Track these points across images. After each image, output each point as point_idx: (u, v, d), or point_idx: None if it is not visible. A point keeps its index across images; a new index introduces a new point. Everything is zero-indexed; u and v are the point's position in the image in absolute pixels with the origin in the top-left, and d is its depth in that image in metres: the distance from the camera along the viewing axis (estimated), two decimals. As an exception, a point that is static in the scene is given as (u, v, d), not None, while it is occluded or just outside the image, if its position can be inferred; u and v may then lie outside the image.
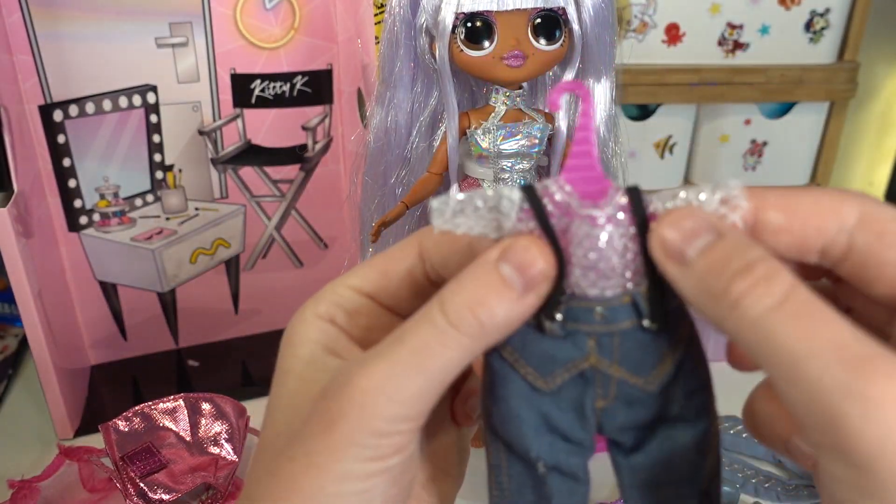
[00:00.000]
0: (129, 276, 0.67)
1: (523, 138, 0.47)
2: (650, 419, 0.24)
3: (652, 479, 0.24)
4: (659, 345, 0.23)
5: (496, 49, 0.44)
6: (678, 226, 0.22)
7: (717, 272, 0.20)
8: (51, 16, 0.57)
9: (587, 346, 0.23)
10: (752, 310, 0.19)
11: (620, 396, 0.24)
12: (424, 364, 0.22)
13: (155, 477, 0.52)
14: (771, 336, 0.19)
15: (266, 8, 0.62)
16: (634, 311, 0.23)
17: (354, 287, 0.26)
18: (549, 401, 0.24)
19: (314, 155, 0.70)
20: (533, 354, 0.24)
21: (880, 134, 0.93)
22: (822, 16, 0.80)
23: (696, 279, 0.21)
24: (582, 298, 0.23)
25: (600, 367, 0.23)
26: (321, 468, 0.22)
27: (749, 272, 0.20)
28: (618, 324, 0.23)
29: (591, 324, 0.23)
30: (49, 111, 0.59)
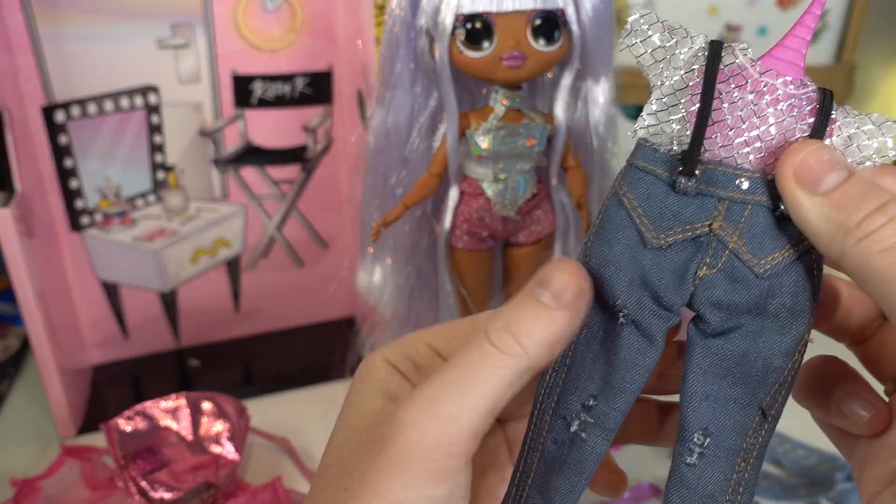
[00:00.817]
0: (130, 275, 0.68)
1: (523, 139, 0.47)
2: (746, 304, 0.24)
3: (724, 369, 0.24)
4: (785, 233, 0.24)
5: (496, 50, 0.44)
6: (816, 155, 0.23)
7: (853, 206, 0.22)
8: (53, 17, 0.57)
9: (715, 210, 0.24)
10: (883, 241, 0.21)
11: (727, 269, 0.24)
12: (473, 388, 0.22)
13: (156, 476, 0.53)
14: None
15: (267, 9, 0.63)
16: (775, 192, 0.23)
17: (430, 345, 0.27)
18: (652, 256, 0.24)
19: (315, 155, 0.70)
20: (655, 206, 0.24)
21: (878, 134, 0.93)
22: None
23: (828, 209, 0.22)
24: (727, 165, 0.24)
25: (721, 233, 0.24)
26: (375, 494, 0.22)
27: (884, 211, 0.22)
28: (756, 196, 0.24)
29: (729, 190, 0.24)
30: (51, 112, 0.59)
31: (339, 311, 0.76)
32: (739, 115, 0.23)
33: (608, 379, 0.24)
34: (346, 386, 0.27)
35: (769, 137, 0.23)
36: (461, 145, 0.48)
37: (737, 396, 0.24)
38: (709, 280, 0.24)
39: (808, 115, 0.23)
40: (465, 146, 0.49)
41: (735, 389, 0.24)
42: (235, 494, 0.51)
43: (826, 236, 0.22)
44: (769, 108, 0.23)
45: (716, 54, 0.23)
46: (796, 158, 0.23)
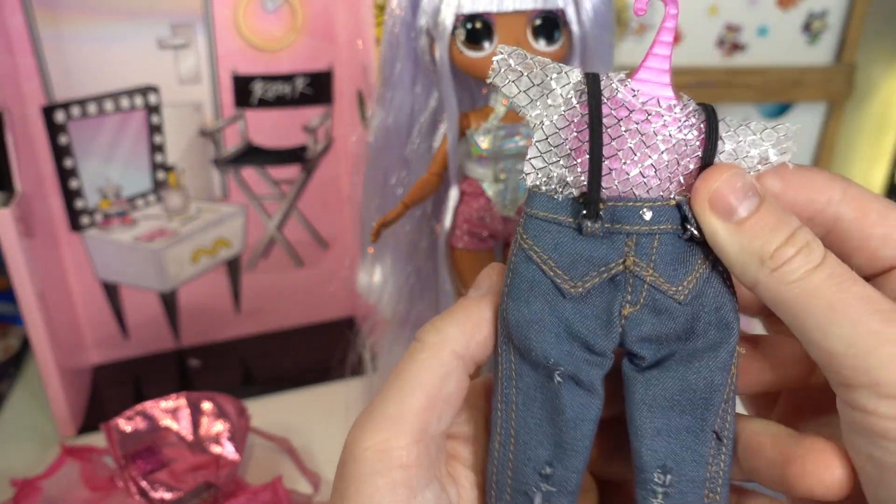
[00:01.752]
0: (130, 275, 0.68)
1: (523, 139, 0.47)
2: (674, 333, 0.23)
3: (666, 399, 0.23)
4: (694, 254, 0.23)
5: (496, 50, 0.44)
6: (729, 183, 0.23)
7: (766, 234, 0.22)
8: (53, 17, 0.57)
9: (625, 247, 0.23)
10: (794, 272, 0.22)
11: (649, 303, 0.23)
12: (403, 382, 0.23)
13: (156, 476, 0.53)
14: (811, 292, 0.22)
15: (267, 9, 0.63)
16: (678, 215, 0.23)
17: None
18: (573, 306, 0.23)
19: (315, 155, 0.70)
20: (565, 255, 0.23)
21: (878, 134, 0.93)
22: (820, 17, 0.80)
23: (742, 238, 0.23)
24: (627, 199, 0.23)
25: (635, 269, 0.23)
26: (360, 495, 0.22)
27: (795, 239, 0.22)
28: (661, 224, 0.23)
29: (634, 224, 0.23)
30: (51, 112, 0.59)
31: (339, 311, 0.76)
32: (630, 147, 0.23)
33: (559, 441, 0.23)
34: (346, 386, 0.27)
35: (663, 164, 0.23)
36: (461, 145, 0.48)
37: (688, 425, 0.23)
38: (634, 318, 0.23)
39: (696, 135, 0.23)
40: (465, 146, 0.49)
41: (684, 418, 0.23)
42: (235, 494, 0.51)
43: (740, 265, 0.23)
44: (657, 135, 0.23)
45: (596, 87, 0.23)
46: (711, 186, 0.23)
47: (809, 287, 0.22)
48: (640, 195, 0.23)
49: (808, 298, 0.22)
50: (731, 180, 0.23)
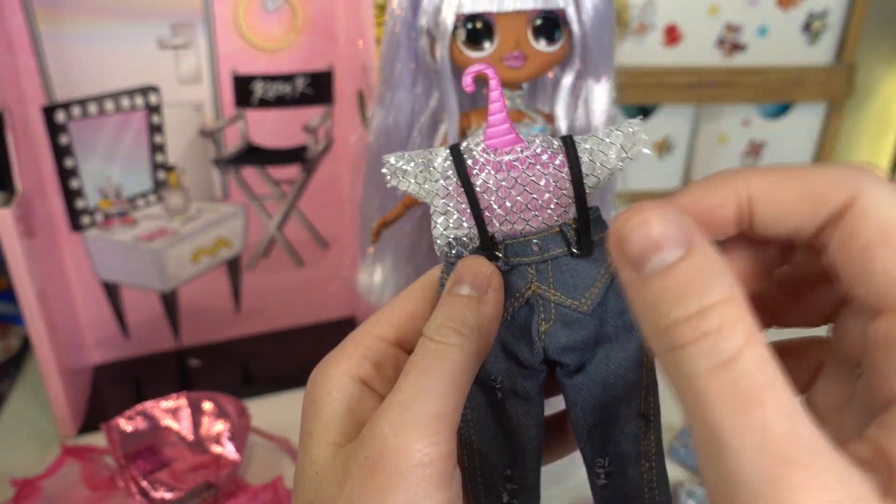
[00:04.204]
0: (131, 275, 0.68)
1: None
2: (588, 339, 0.26)
3: (594, 398, 0.26)
4: (589, 270, 0.26)
5: (496, 50, 0.44)
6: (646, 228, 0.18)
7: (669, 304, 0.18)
8: (53, 17, 0.57)
9: (528, 275, 0.27)
10: (690, 364, 0.17)
11: (559, 318, 0.26)
12: (432, 381, 0.23)
13: (157, 475, 0.53)
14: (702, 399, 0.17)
15: (268, 9, 0.63)
16: (563, 239, 0.27)
17: (381, 336, 0.27)
18: (504, 329, 0.27)
19: (315, 155, 0.70)
20: None
21: (878, 134, 0.93)
22: (820, 17, 0.80)
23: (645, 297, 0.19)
24: (517, 235, 0.27)
25: (540, 292, 0.26)
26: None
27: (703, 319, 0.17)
28: (550, 252, 0.27)
29: (530, 255, 0.27)
30: (52, 112, 0.59)
31: (339, 311, 0.76)
32: (499, 196, 0.27)
33: (512, 447, 0.27)
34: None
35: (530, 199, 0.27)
36: (462, 145, 0.48)
37: (617, 413, 0.26)
38: (550, 332, 0.26)
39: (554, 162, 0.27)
40: (465, 146, 0.49)
41: (612, 409, 0.26)
42: (236, 494, 0.51)
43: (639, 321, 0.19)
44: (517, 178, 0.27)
45: (459, 157, 0.27)
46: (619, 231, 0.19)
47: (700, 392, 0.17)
48: (526, 230, 0.27)
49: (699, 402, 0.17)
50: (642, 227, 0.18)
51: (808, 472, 0.16)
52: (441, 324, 0.24)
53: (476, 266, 0.26)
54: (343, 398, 0.25)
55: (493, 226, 0.27)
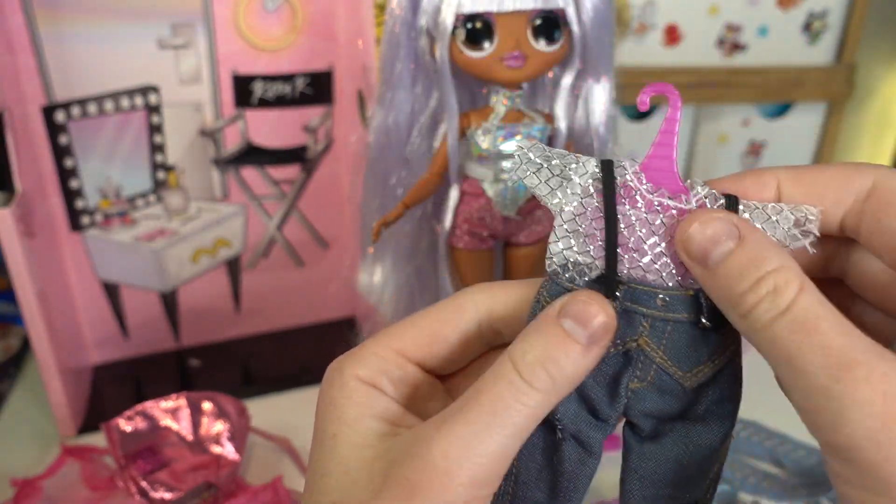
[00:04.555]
0: (131, 275, 0.68)
1: (523, 138, 0.47)
2: (675, 413, 0.24)
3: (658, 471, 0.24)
4: (707, 345, 0.24)
5: (496, 50, 0.44)
6: (703, 229, 0.23)
7: (733, 282, 0.22)
8: (53, 17, 0.57)
9: (640, 326, 0.24)
10: (759, 320, 0.21)
11: (656, 383, 0.24)
12: (504, 423, 0.22)
13: (157, 476, 0.53)
14: (774, 342, 0.21)
15: (267, 9, 0.63)
16: (695, 305, 0.24)
17: (401, 352, 0.25)
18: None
19: (315, 155, 0.70)
20: None
21: (878, 134, 0.93)
22: (820, 17, 0.80)
23: (716, 283, 0.22)
24: (643, 283, 0.24)
25: (647, 349, 0.24)
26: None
27: (761, 284, 0.21)
28: (676, 313, 0.24)
29: (651, 308, 0.24)
30: (51, 112, 0.59)
31: (339, 311, 0.76)
32: (640, 236, 0.24)
33: (555, 488, 0.25)
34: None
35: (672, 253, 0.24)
36: (461, 145, 0.48)
37: (673, 494, 0.25)
38: (640, 393, 0.24)
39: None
40: (465, 146, 0.49)
41: (670, 489, 0.25)
42: (236, 494, 0.51)
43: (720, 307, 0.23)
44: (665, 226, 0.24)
45: (609, 178, 0.24)
46: (684, 233, 0.23)
47: (771, 336, 0.21)
48: (656, 281, 0.24)
49: (771, 348, 0.21)
50: (702, 227, 0.23)
51: (867, 367, 0.19)
52: (536, 361, 0.22)
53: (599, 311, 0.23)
54: (366, 403, 0.24)
55: (622, 264, 0.24)
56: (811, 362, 0.20)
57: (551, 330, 0.23)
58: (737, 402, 0.24)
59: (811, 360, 0.20)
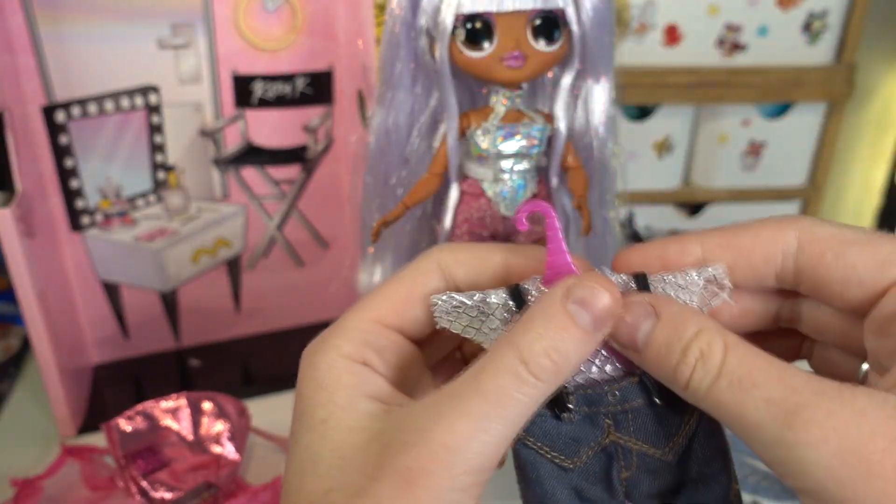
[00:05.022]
0: (131, 275, 0.68)
1: (523, 139, 0.47)
2: (673, 485, 0.25)
3: None
4: (672, 418, 0.25)
5: (496, 50, 0.44)
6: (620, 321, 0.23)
7: (663, 358, 0.22)
8: (53, 17, 0.57)
9: (605, 425, 0.25)
10: (699, 389, 0.21)
11: (642, 466, 0.25)
12: (507, 414, 0.22)
13: (157, 475, 0.53)
14: (719, 406, 0.21)
15: (267, 9, 0.63)
16: (643, 389, 0.25)
17: (380, 321, 0.25)
18: (578, 476, 0.25)
19: (315, 155, 0.70)
20: (556, 440, 0.25)
21: (878, 134, 0.93)
22: (820, 17, 0.80)
23: (651, 365, 0.23)
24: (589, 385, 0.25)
25: (620, 441, 0.25)
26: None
27: (688, 354, 0.22)
28: (630, 402, 0.25)
29: (606, 405, 0.25)
30: (51, 112, 0.59)
31: (339, 311, 0.75)
32: None
33: None
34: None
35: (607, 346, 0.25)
36: (461, 145, 0.48)
37: None
38: (633, 480, 0.25)
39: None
40: (465, 146, 0.49)
41: None
42: (236, 494, 0.51)
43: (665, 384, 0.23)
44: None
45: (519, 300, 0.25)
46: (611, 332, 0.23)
47: (715, 401, 0.21)
48: (601, 379, 0.25)
49: (719, 412, 0.21)
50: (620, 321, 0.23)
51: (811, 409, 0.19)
52: (543, 351, 0.22)
53: (605, 294, 0.23)
54: (357, 383, 0.24)
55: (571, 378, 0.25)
56: (758, 418, 0.20)
57: (557, 316, 0.22)
58: (724, 455, 0.25)
59: (758, 416, 0.20)
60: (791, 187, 0.88)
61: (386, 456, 0.22)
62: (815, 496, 0.19)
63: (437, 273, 0.26)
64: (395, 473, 0.21)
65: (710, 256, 0.25)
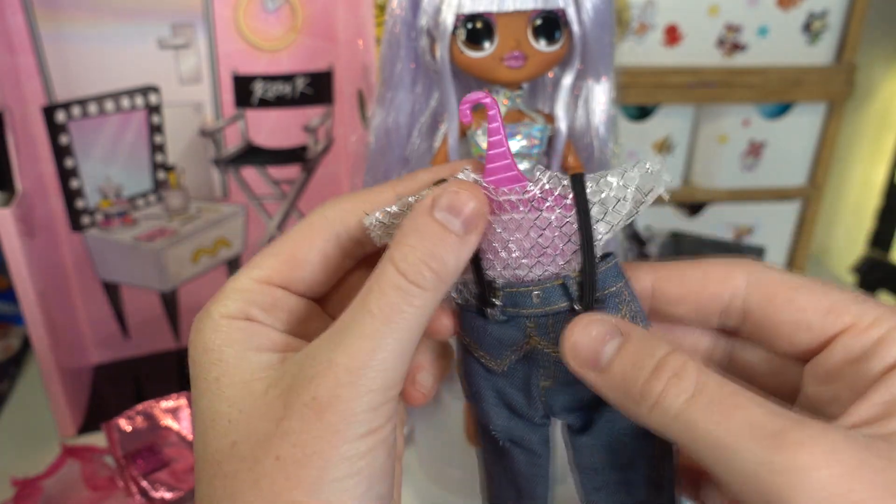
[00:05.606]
0: (131, 275, 0.68)
1: (523, 139, 0.47)
2: (591, 400, 0.24)
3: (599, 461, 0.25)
4: None
5: (496, 50, 0.44)
6: (587, 332, 0.22)
7: (632, 376, 0.21)
8: (54, 17, 0.57)
9: (526, 328, 0.24)
10: (671, 407, 0.20)
11: (560, 377, 0.25)
12: (399, 328, 0.22)
13: (157, 475, 0.53)
14: (692, 426, 0.20)
15: (268, 9, 0.63)
16: (565, 293, 0.24)
17: (263, 279, 0.25)
18: (502, 381, 0.25)
19: (315, 155, 0.70)
20: (484, 339, 0.25)
21: (878, 134, 0.93)
22: (820, 17, 0.80)
23: (613, 383, 0.22)
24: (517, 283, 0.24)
25: (540, 347, 0.24)
26: (321, 455, 0.21)
27: (661, 371, 0.21)
28: (552, 306, 0.24)
29: (529, 307, 0.24)
30: (52, 112, 0.59)
31: (339, 310, 0.76)
32: (502, 237, 0.24)
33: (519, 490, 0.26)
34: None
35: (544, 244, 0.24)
36: (462, 145, 0.48)
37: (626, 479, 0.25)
38: (551, 391, 0.25)
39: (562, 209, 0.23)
40: (465, 146, 0.49)
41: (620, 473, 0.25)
42: (236, 494, 0.51)
43: (622, 407, 0.22)
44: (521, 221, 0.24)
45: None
46: (568, 342, 0.23)
47: (688, 421, 0.20)
48: (527, 277, 0.24)
49: (693, 433, 0.20)
50: (584, 330, 0.22)
51: (797, 432, 0.19)
52: (420, 260, 0.22)
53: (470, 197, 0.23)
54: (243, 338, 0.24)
55: (494, 270, 0.24)
56: (741, 440, 0.19)
57: (428, 226, 0.23)
58: None
59: (741, 438, 0.19)
60: (791, 187, 0.88)
61: (291, 394, 0.22)
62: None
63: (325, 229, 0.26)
64: (303, 407, 0.22)
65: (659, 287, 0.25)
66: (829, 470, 0.18)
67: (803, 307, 0.23)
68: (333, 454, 0.21)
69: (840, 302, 0.23)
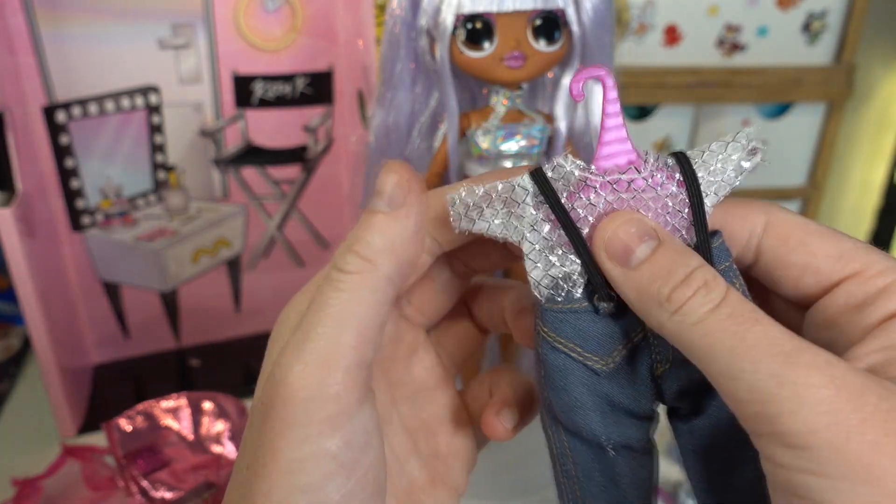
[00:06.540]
0: (131, 275, 0.68)
1: (523, 139, 0.47)
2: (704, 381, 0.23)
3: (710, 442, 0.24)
4: None
5: (496, 50, 0.44)
6: (626, 227, 0.23)
7: (661, 278, 0.22)
8: (54, 17, 0.57)
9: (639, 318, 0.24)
10: (694, 314, 0.21)
11: (676, 359, 0.24)
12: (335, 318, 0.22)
13: (157, 475, 0.53)
14: (711, 334, 0.21)
15: (268, 9, 0.63)
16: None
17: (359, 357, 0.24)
18: (609, 381, 0.24)
19: (315, 155, 0.70)
20: (589, 338, 0.24)
21: (877, 134, 0.93)
22: (820, 17, 0.80)
23: (640, 283, 0.22)
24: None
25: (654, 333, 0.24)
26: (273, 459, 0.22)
27: (691, 280, 0.21)
28: None
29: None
30: (52, 112, 0.59)
31: (339, 310, 0.76)
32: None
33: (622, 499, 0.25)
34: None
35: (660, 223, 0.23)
36: (461, 145, 0.48)
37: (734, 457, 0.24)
38: (667, 374, 0.24)
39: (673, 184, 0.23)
40: (465, 146, 0.49)
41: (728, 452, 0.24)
42: (236, 494, 0.51)
43: (643, 309, 0.22)
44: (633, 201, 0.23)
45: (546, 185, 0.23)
46: (605, 234, 0.23)
47: (709, 329, 0.21)
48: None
49: (709, 341, 0.21)
50: (624, 226, 0.22)
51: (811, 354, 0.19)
52: (345, 247, 0.23)
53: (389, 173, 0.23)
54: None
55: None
56: (757, 351, 0.20)
57: (363, 215, 0.23)
58: None
59: (757, 349, 0.20)
60: (791, 187, 0.88)
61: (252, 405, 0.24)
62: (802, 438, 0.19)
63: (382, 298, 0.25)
64: (254, 413, 0.23)
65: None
66: (837, 392, 0.19)
67: (815, 251, 0.23)
68: (281, 458, 0.22)
69: (852, 250, 0.23)
